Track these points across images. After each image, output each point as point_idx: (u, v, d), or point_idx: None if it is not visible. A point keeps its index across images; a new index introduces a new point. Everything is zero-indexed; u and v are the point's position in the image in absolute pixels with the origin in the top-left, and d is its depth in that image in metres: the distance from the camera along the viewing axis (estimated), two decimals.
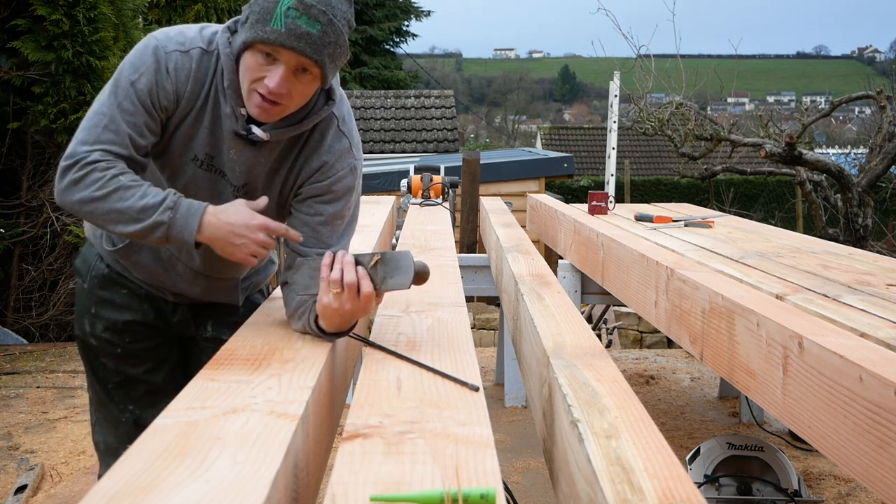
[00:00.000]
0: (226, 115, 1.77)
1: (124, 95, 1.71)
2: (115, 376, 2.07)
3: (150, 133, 1.75)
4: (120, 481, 1.07)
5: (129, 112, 1.71)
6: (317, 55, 1.64)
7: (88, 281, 2.06)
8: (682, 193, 19.58)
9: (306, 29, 1.61)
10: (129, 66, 1.74)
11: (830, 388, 1.63)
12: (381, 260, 1.69)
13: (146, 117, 1.73)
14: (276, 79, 1.64)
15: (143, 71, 1.72)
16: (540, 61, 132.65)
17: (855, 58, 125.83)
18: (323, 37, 1.63)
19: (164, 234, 1.69)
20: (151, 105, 1.72)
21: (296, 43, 1.61)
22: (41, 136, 6.68)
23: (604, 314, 6.99)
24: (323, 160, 1.85)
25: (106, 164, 1.69)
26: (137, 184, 1.69)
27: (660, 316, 2.77)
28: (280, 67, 1.64)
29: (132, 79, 1.72)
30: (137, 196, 1.67)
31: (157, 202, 1.68)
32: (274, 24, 1.60)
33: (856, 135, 22.94)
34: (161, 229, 1.68)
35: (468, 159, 6.96)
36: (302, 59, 1.64)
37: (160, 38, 1.76)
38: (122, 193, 1.67)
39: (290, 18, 1.60)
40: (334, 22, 1.64)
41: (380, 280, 1.69)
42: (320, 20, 1.62)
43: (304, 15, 1.61)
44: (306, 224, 1.85)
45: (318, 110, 1.82)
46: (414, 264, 1.69)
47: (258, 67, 1.66)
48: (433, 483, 1.11)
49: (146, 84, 1.72)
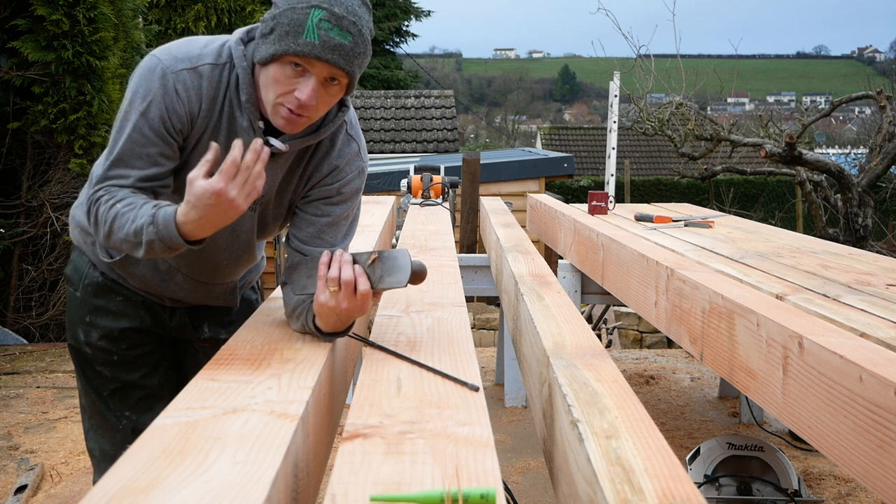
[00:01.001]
0: (242, 128, 1.74)
1: (136, 127, 1.67)
2: (110, 384, 2.05)
3: (166, 160, 1.71)
4: (120, 481, 1.06)
5: (141, 144, 1.68)
6: (349, 66, 1.63)
7: (81, 289, 2.03)
8: (682, 193, 19.59)
9: (339, 41, 1.60)
10: (137, 93, 1.68)
11: (830, 388, 1.63)
12: (379, 258, 1.69)
13: (161, 146, 1.69)
14: (307, 91, 1.62)
15: (152, 98, 1.67)
16: (540, 61, 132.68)
17: (855, 58, 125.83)
18: (354, 47, 1.63)
19: (162, 248, 1.63)
20: (166, 132, 1.69)
21: (330, 55, 1.60)
22: (41, 136, 6.69)
23: (604, 314, 6.99)
24: (334, 164, 1.85)
25: (107, 197, 1.67)
26: (130, 207, 1.64)
27: (660, 316, 2.77)
28: (311, 79, 1.62)
29: (142, 109, 1.67)
30: (130, 220, 1.63)
31: (145, 223, 1.61)
32: (307, 36, 1.59)
33: (856, 135, 22.95)
34: (156, 245, 1.62)
35: (468, 159, 6.96)
36: (335, 70, 1.62)
37: (164, 58, 1.70)
38: (119, 222, 1.64)
39: (322, 31, 1.59)
40: (363, 32, 1.64)
41: (377, 278, 1.68)
42: (351, 31, 1.62)
43: (336, 27, 1.60)
44: (312, 224, 1.85)
45: (332, 118, 1.81)
46: (411, 263, 1.69)
47: (286, 80, 1.63)
48: (433, 483, 1.11)
49: (157, 112, 1.67)
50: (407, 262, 1.68)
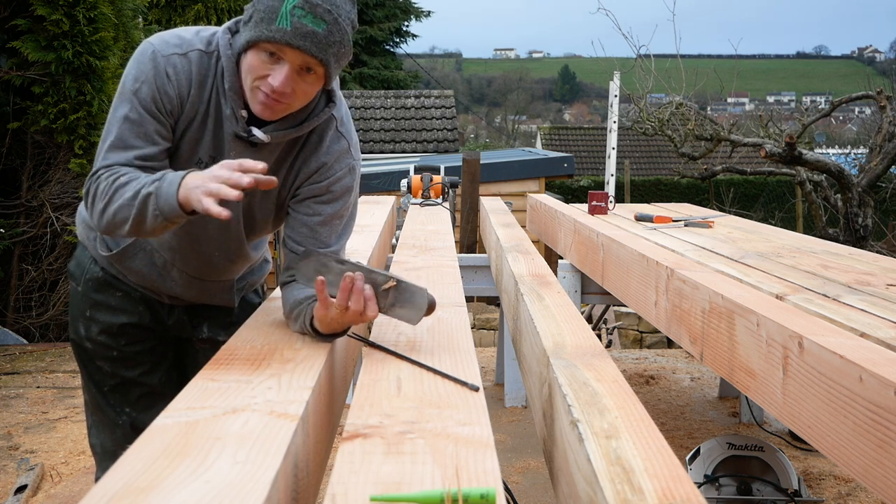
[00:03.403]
0: (226, 116, 1.76)
1: (129, 107, 1.70)
2: (111, 379, 2.06)
3: (161, 139, 1.73)
4: (120, 481, 1.07)
5: (136, 123, 1.70)
6: (322, 54, 1.63)
7: (83, 284, 2.05)
8: (682, 193, 19.59)
9: (312, 28, 1.60)
10: (129, 76, 1.72)
11: (830, 388, 1.63)
12: (397, 287, 1.67)
13: (155, 124, 1.72)
14: (280, 77, 1.63)
15: (144, 79, 1.71)
16: (540, 61, 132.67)
17: (855, 58, 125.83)
18: (328, 36, 1.62)
19: (155, 206, 1.61)
20: (157, 111, 1.71)
21: (301, 42, 1.60)
22: (41, 136, 6.69)
23: (604, 314, 6.99)
24: (322, 161, 1.84)
25: (108, 174, 1.68)
26: (135, 177, 1.66)
27: (660, 316, 2.77)
28: (284, 66, 1.63)
29: (134, 88, 1.71)
30: (133, 185, 1.65)
31: (148, 181, 1.63)
32: (279, 22, 1.59)
33: (856, 135, 22.95)
34: (150, 201, 1.61)
35: (468, 159, 6.96)
36: (307, 58, 1.63)
37: (156, 43, 1.74)
38: (121, 191, 1.66)
39: (295, 17, 1.59)
40: (339, 21, 1.64)
41: (387, 305, 1.67)
42: (326, 19, 1.61)
43: (310, 14, 1.60)
44: (305, 224, 1.84)
45: (318, 112, 1.81)
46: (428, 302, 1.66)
47: (262, 66, 1.64)
48: (433, 483, 1.11)
49: (148, 91, 1.70)
50: (424, 301, 1.66)
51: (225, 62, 1.73)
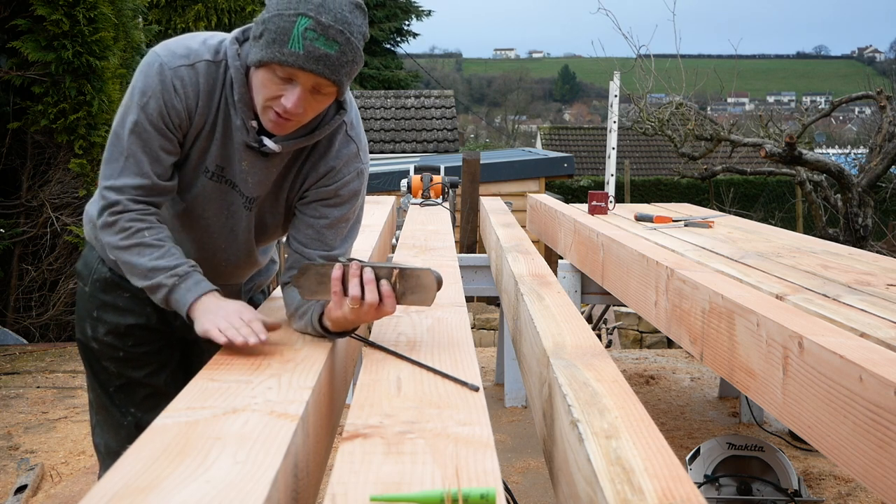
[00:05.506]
0: (236, 127, 1.75)
1: (138, 124, 1.70)
2: (116, 380, 2.06)
3: (168, 155, 1.74)
4: (120, 481, 1.07)
5: (145, 140, 1.71)
6: (335, 76, 1.62)
7: (90, 284, 2.05)
8: (682, 193, 19.59)
9: (325, 51, 1.58)
10: (136, 89, 1.72)
11: (830, 388, 1.63)
12: (402, 275, 1.67)
13: (162, 140, 1.72)
14: (293, 99, 1.62)
15: (151, 94, 1.70)
16: (540, 61, 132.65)
17: (855, 58, 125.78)
18: (341, 57, 1.61)
19: (164, 297, 1.73)
20: (165, 127, 1.71)
21: (314, 66, 1.58)
22: (41, 136, 6.68)
23: (604, 314, 6.99)
24: (331, 165, 1.84)
25: (133, 216, 1.73)
26: (159, 243, 1.73)
27: (660, 316, 2.77)
28: (297, 88, 1.62)
29: (142, 104, 1.70)
30: (154, 256, 1.72)
31: (169, 266, 1.72)
32: (292, 45, 1.57)
33: (856, 135, 22.94)
34: (162, 291, 1.72)
35: (468, 159, 6.96)
36: (320, 80, 1.62)
37: (163, 54, 1.72)
38: (141, 250, 1.72)
39: (307, 40, 1.57)
40: (351, 40, 1.62)
41: (398, 295, 1.68)
42: (338, 40, 1.59)
43: (322, 36, 1.58)
44: (311, 226, 1.84)
45: (329, 120, 1.80)
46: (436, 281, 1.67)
47: (274, 86, 1.63)
48: (433, 483, 1.11)
49: (156, 107, 1.70)
50: (432, 281, 1.67)
51: (234, 73, 1.72)
